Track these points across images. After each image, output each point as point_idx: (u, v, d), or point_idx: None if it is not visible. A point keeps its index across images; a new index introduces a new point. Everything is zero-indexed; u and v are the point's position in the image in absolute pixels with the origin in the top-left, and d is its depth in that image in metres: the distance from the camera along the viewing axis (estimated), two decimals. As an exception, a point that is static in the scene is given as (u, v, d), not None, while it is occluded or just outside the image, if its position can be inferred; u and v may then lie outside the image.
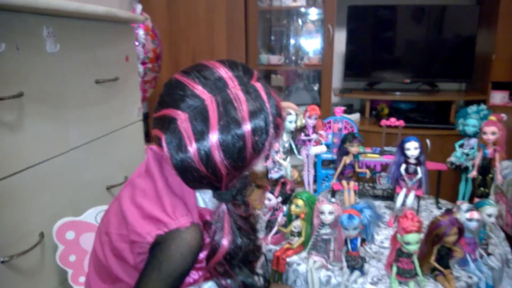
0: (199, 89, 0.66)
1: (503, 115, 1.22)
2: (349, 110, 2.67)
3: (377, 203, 1.39)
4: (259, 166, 1.18)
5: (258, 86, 0.69)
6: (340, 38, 2.69)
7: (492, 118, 1.19)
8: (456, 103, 2.54)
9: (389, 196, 1.42)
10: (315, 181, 1.44)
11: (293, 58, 2.74)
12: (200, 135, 0.64)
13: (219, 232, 0.72)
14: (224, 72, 0.68)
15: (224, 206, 0.73)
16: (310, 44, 2.76)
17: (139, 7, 1.94)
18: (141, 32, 1.99)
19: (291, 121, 1.23)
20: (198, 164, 0.65)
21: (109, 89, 1.35)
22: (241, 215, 0.76)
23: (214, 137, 0.63)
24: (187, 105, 0.65)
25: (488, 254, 1.09)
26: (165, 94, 0.69)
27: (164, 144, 0.66)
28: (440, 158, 1.41)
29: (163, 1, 2.54)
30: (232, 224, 0.73)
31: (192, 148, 0.64)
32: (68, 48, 1.14)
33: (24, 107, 0.98)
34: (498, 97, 2.55)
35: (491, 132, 1.16)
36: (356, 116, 2.56)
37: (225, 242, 0.72)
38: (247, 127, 0.65)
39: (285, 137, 1.24)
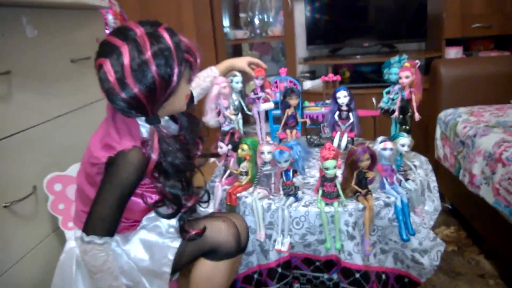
0: (114, 39, 0.90)
1: (417, 61, 1.40)
2: (313, 76, 2.86)
3: (323, 149, 1.59)
4: (211, 121, 1.39)
5: (162, 31, 0.93)
6: (302, 9, 2.86)
7: (406, 64, 1.38)
8: (415, 62, 2.72)
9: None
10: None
11: (258, 31, 2.91)
12: (118, 69, 0.89)
13: (150, 148, 0.95)
14: (134, 26, 0.92)
15: (153, 128, 0.97)
16: (274, 17, 2.93)
17: (114, -1, 2.11)
18: (110, 17, 2.17)
19: (238, 81, 1.42)
20: (119, 92, 0.90)
21: (83, 67, 1.56)
22: (174, 136, 1.01)
23: (127, 67, 0.88)
24: (108, 53, 0.90)
25: (406, 179, 1.30)
26: (98, 50, 0.93)
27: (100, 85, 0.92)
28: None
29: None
30: (162, 143, 0.97)
31: (112, 78, 0.88)
32: (45, 33, 1.37)
33: (12, 82, 1.20)
34: (452, 53, 2.74)
35: (405, 76, 1.35)
36: (319, 82, 2.75)
37: (153, 156, 0.95)
38: (150, 59, 0.88)
39: (234, 96, 1.43)
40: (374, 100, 1.95)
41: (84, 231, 0.95)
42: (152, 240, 1.07)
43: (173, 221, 1.08)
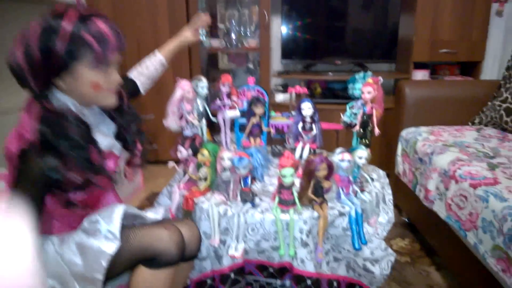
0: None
1: (379, 78, 1.45)
2: (286, 89, 2.90)
3: (286, 159, 1.62)
4: (172, 125, 1.39)
5: (71, 11, 0.92)
6: (279, 24, 2.91)
7: (369, 80, 1.43)
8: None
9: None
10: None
11: (234, 42, 2.95)
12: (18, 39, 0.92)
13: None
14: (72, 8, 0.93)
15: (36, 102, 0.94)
16: (250, 30, 2.97)
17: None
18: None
19: (203, 86, 1.43)
20: (13, 52, 0.91)
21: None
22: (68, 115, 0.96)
23: (21, 35, 0.91)
24: None
25: (362, 191, 1.33)
26: None
27: None
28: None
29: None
30: (45, 120, 0.92)
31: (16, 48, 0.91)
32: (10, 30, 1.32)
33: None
34: (419, 75, 2.84)
35: (367, 91, 1.39)
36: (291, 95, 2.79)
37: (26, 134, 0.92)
38: (34, 30, 0.89)
39: (199, 101, 1.44)
40: (342, 115, 2.00)
41: None
42: (88, 244, 1.00)
43: (113, 226, 1.00)
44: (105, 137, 1.07)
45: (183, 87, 1.36)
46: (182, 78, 1.40)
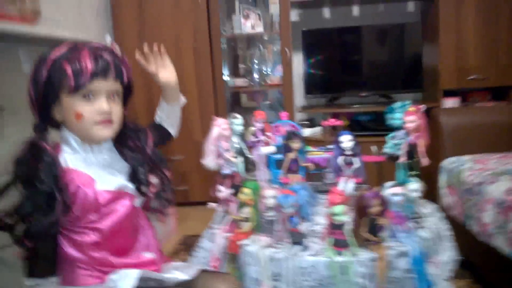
0: None
1: (421, 106, 1.38)
2: (311, 124, 2.85)
3: (325, 196, 1.52)
4: (211, 163, 1.33)
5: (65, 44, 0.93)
6: (300, 60, 2.91)
7: (411, 109, 1.36)
8: (410, 112, 2.74)
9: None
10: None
11: (257, 80, 2.94)
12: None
13: None
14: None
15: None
16: (272, 66, 2.97)
17: (108, 38, 2.12)
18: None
19: (238, 124, 1.38)
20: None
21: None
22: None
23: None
24: None
25: (420, 227, 1.22)
26: None
27: None
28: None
29: (134, 32, 2.74)
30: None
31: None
32: None
33: (4, 119, 1.16)
34: (449, 104, 2.76)
35: (410, 120, 1.32)
36: (317, 130, 2.74)
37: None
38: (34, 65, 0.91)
39: (235, 138, 1.39)
40: (372, 148, 1.91)
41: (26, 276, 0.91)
42: None
43: None
44: (115, 176, 1.00)
45: (219, 125, 1.31)
46: (209, 116, 1.35)
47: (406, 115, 1.33)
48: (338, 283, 1.07)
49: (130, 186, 1.01)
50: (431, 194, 2.20)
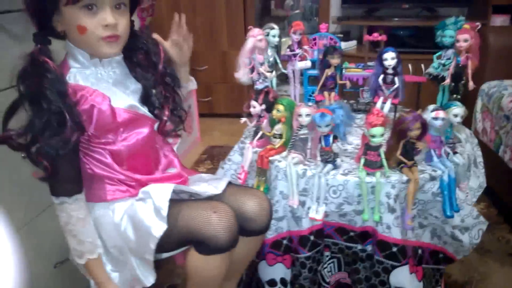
0: None
1: (477, 23, 1.27)
2: (346, 37, 2.70)
3: (360, 115, 1.49)
4: (244, 78, 1.29)
5: None
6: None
7: (466, 26, 1.24)
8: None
9: (371, 109, 1.51)
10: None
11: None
12: None
13: None
14: None
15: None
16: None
17: None
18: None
19: (274, 35, 1.30)
20: None
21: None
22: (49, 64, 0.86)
23: None
24: None
25: (454, 153, 1.19)
26: None
27: None
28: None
29: None
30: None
31: None
32: None
33: None
34: (498, 21, 2.55)
35: (464, 39, 1.22)
36: (353, 43, 2.60)
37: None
38: None
39: (270, 51, 1.32)
40: (410, 66, 1.80)
41: (51, 194, 0.91)
42: (139, 221, 0.94)
43: (162, 208, 0.93)
44: (127, 96, 0.98)
45: (255, 35, 1.24)
46: (237, 25, 1.26)
47: (459, 33, 1.22)
48: (365, 202, 1.08)
49: (140, 108, 0.99)
50: (467, 117, 2.13)
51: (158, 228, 0.91)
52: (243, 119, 1.27)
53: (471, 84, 1.26)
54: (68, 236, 0.93)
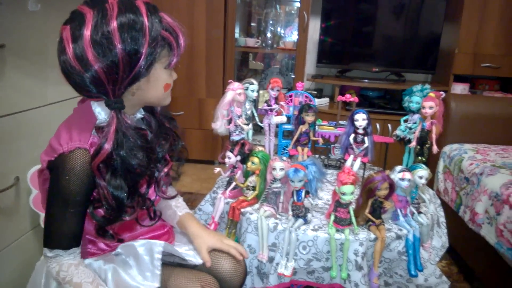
0: (82, 7, 0.78)
1: (442, 92, 1.36)
2: (319, 94, 2.82)
3: (330, 171, 1.54)
4: (221, 129, 1.32)
5: (140, 2, 0.79)
6: (316, 26, 2.83)
7: (431, 94, 1.34)
8: (418, 92, 2.71)
9: (341, 166, 1.56)
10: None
11: (270, 42, 2.87)
12: (77, 38, 0.75)
13: (105, 136, 0.81)
14: None
15: (113, 113, 0.82)
16: (287, 30, 2.89)
17: None
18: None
19: (253, 90, 1.35)
20: (74, 63, 0.75)
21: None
22: (137, 129, 0.87)
23: (87, 37, 0.74)
24: (71, 20, 0.77)
25: (419, 212, 1.24)
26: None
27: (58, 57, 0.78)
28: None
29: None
30: (120, 131, 0.81)
31: (70, 48, 0.75)
32: (50, 8, 1.23)
33: (5, 59, 1.09)
34: (459, 89, 2.74)
35: (429, 106, 1.31)
36: (325, 100, 2.71)
37: (107, 145, 0.79)
38: (115, 29, 0.75)
39: (248, 104, 1.37)
40: (378, 126, 1.92)
41: (44, 245, 0.85)
42: (124, 280, 0.92)
43: (154, 267, 0.93)
44: None
45: (235, 89, 1.28)
46: (216, 75, 1.31)
47: (425, 100, 1.31)
48: (333, 258, 1.09)
49: None
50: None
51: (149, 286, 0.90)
52: (217, 169, 1.29)
53: (435, 148, 1.33)
54: (63, 286, 0.86)
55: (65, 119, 0.90)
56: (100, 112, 0.86)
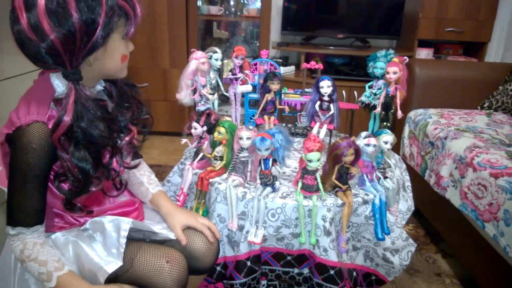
0: None
1: (405, 57, 1.37)
2: (285, 62, 2.79)
3: (297, 139, 1.54)
4: (186, 99, 1.28)
5: None
6: (280, -9, 2.76)
7: (395, 59, 1.34)
8: (383, 58, 2.73)
9: (308, 134, 1.56)
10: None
11: (233, 10, 2.79)
12: (30, 6, 0.71)
13: (63, 108, 0.78)
14: None
15: (71, 84, 0.79)
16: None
17: None
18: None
19: (217, 58, 1.31)
20: (30, 33, 0.72)
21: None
22: (97, 100, 0.84)
23: (41, 6, 0.70)
24: None
25: (385, 177, 1.26)
26: None
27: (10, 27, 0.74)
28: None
29: None
30: (79, 103, 0.79)
31: (24, 18, 0.71)
32: None
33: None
34: (423, 54, 2.77)
35: (393, 71, 1.31)
36: (291, 68, 2.69)
37: (66, 118, 0.77)
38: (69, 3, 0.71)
39: (212, 74, 1.33)
40: (344, 93, 1.92)
41: (7, 224, 0.83)
42: (86, 256, 0.91)
43: (119, 244, 0.91)
44: None
45: (198, 58, 1.24)
46: (179, 44, 1.26)
47: (389, 66, 1.31)
48: (302, 225, 1.10)
49: None
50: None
51: (111, 266, 0.89)
52: (184, 140, 1.26)
53: (399, 113, 1.34)
54: (27, 264, 0.84)
55: (25, 92, 0.86)
56: (59, 84, 0.83)
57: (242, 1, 2.83)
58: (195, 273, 1.04)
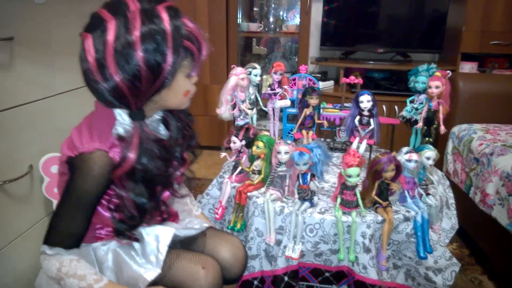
0: (103, 12, 0.75)
1: (448, 71, 1.34)
2: (324, 77, 2.78)
3: (336, 154, 1.52)
4: (226, 114, 1.31)
5: (161, 9, 0.77)
6: (319, 8, 2.78)
7: (437, 73, 1.31)
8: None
9: (347, 149, 1.54)
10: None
11: (272, 26, 2.83)
12: (99, 49, 0.74)
13: (127, 147, 0.81)
14: (130, 0, 0.77)
15: (136, 124, 0.82)
16: (289, 14, 2.85)
17: None
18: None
19: (256, 74, 1.34)
20: (96, 74, 0.75)
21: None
22: (157, 139, 0.87)
23: (109, 51, 0.73)
24: (93, 27, 0.76)
25: (427, 194, 1.23)
26: (87, 23, 0.78)
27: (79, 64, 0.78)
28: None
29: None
30: (143, 143, 0.82)
31: (91, 59, 0.74)
32: (55, 1, 1.27)
33: (14, 50, 1.10)
34: (467, 68, 2.69)
35: (435, 86, 1.28)
36: (330, 83, 2.68)
37: (131, 155, 0.80)
38: (137, 40, 0.73)
39: (251, 89, 1.36)
40: (384, 108, 1.89)
41: (44, 242, 0.84)
42: (126, 265, 0.93)
43: (160, 253, 0.94)
44: None
45: (238, 74, 1.27)
46: (219, 61, 1.30)
47: (431, 80, 1.29)
48: (341, 241, 1.09)
49: None
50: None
51: (151, 273, 0.91)
52: (223, 154, 1.28)
53: (442, 128, 1.31)
54: (65, 281, 0.83)
55: (89, 114, 0.90)
56: (121, 114, 0.85)
57: (281, 18, 2.87)
58: (225, 283, 1.05)
